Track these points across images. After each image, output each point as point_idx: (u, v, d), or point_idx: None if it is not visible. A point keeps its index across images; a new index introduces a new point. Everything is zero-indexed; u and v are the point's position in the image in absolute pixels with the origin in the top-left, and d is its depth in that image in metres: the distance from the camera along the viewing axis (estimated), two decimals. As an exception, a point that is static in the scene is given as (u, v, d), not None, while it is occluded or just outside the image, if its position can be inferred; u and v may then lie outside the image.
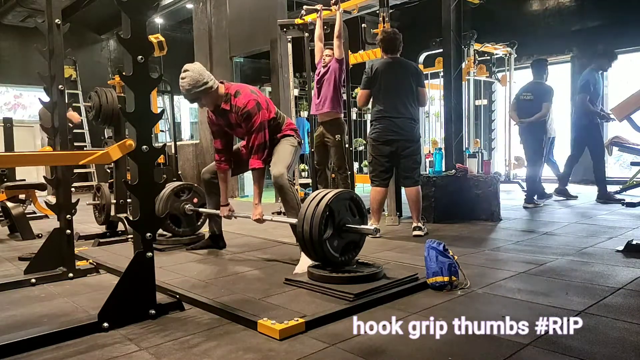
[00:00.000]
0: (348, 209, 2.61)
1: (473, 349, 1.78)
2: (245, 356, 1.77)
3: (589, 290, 2.44)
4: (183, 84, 3.05)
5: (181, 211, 3.88)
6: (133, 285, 2.15)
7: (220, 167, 3.43)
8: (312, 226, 2.48)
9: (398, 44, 4.13)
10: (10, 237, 4.77)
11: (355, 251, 2.67)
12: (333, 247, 2.54)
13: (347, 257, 2.62)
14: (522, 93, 5.80)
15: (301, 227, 2.55)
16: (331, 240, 2.53)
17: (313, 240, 2.49)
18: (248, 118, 3.12)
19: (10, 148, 5.70)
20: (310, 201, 2.57)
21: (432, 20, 6.83)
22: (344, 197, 2.59)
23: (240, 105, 3.12)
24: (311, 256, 2.63)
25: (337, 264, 2.57)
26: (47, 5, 2.86)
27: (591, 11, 8.67)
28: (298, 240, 2.93)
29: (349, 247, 2.64)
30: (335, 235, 2.55)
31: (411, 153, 4.11)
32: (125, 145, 2.15)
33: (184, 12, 10.46)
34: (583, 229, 4.19)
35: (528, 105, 5.63)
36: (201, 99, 3.13)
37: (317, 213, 2.48)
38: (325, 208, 2.47)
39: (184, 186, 3.98)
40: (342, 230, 2.57)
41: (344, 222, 2.57)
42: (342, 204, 2.57)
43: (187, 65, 3.10)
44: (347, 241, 2.62)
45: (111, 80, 7.88)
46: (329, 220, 2.52)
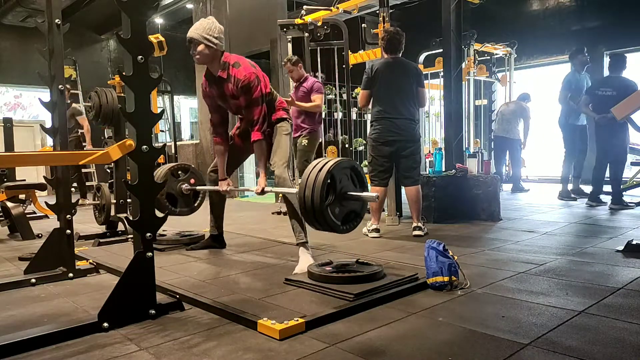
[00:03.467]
0: (349, 178, 2.56)
1: (473, 349, 1.78)
2: (245, 356, 1.77)
3: (589, 290, 2.44)
4: (196, 23, 3.10)
5: (178, 191, 3.81)
6: (133, 285, 2.15)
7: (216, 141, 3.43)
8: (313, 192, 2.43)
9: (399, 44, 4.13)
10: (10, 237, 4.77)
11: (356, 220, 2.63)
12: (335, 215, 2.49)
13: (348, 226, 2.59)
14: (599, 88, 5.51)
15: (302, 194, 2.48)
16: (333, 207, 2.49)
17: (315, 206, 2.43)
18: (248, 91, 3.10)
19: (10, 148, 5.70)
20: (312, 169, 2.51)
21: (432, 20, 6.83)
22: (346, 165, 2.55)
23: (240, 77, 3.09)
24: (312, 224, 2.56)
25: (339, 231, 2.54)
26: (47, 5, 2.86)
27: (591, 11, 8.68)
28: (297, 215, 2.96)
29: (350, 215, 2.60)
30: (337, 202, 2.50)
31: (411, 153, 4.12)
32: (125, 145, 2.15)
33: (184, 12, 10.47)
34: (583, 229, 4.19)
35: (608, 101, 5.20)
36: (197, 47, 3.08)
37: (318, 180, 2.43)
38: (327, 175, 2.42)
39: (181, 166, 3.91)
40: (343, 198, 2.52)
41: (345, 190, 2.53)
42: (343, 173, 2.52)
43: (212, 17, 3.17)
44: (348, 209, 2.57)
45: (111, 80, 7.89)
46: (331, 187, 2.47)
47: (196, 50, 3.10)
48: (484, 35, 7.87)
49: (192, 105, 13.09)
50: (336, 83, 6.83)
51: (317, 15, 6.01)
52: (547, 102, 6.99)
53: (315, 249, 3.44)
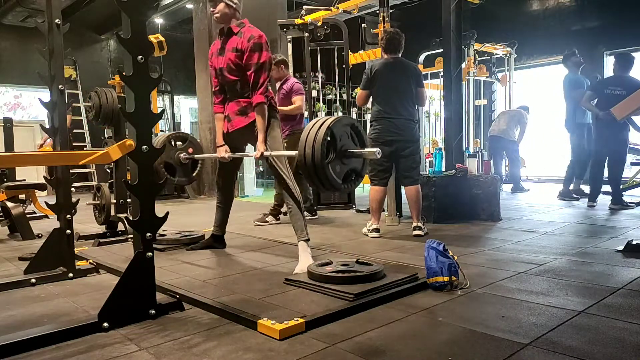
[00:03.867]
0: (349, 136, 2.55)
1: (473, 349, 1.78)
2: (245, 356, 1.77)
3: (589, 290, 2.44)
4: None
5: (176, 160, 3.77)
6: (133, 285, 2.15)
7: (217, 109, 3.44)
8: (314, 149, 2.40)
9: (398, 45, 4.14)
10: (10, 237, 4.77)
11: (357, 180, 2.62)
12: (336, 173, 2.48)
13: (349, 184, 2.58)
14: (607, 87, 5.43)
15: (303, 152, 2.46)
16: (333, 165, 2.47)
17: (315, 164, 2.41)
18: (259, 49, 3.10)
19: (10, 148, 5.70)
20: (312, 127, 2.49)
21: (432, 20, 6.83)
22: (345, 122, 2.53)
23: (254, 34, 3.11)
24: (314, 183, 2.54)
25: (340, 189, 2.52)
26: (47, 5, 2.86)
27: (591, 11, 8.68)
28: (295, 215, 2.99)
29: (350, 175, 2.59)
30: (337, 160, 2.49)
31: (411, 153, 4.12)
32: (125, 145, 2.15)
33: (184, 12, 10.46)
34: (583, 229, 4.19)
35: (617, 100, 4.99)
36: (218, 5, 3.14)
37: (318, 136, 2.41)
38: (327, 131, 2.40)
39: (179, 135, 3.87)
40: (344, 155, 2.51)
41: (345, 147, 2.51)
42: (343, 130, 2.50)
43: None
44: (349, 168, 2.56)
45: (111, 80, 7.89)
46: (331, 145, 2.45)
47: (216, 8, 3.13)
48: (484, 35, 7.88)
49: (192, 105, 13.08)
50: (336, 83, 6.84)
51: (317, 15, 6.01)
52: (547, 102, 6.99)
53: (315, 249, 3.44)
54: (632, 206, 5.36)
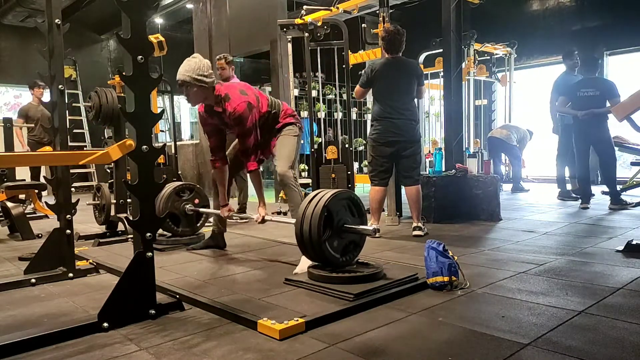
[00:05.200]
0: (347, 209, 2.61)
1: (473, 349, 1.78)
2: (245, 356, 1.77)
3: (589, 290, 2.44)
4: (184, 65, 2.99)
5: (181, 211, 3.89)
6: (133, 285, 2.15)
7: (216, 166, 3.40)
8: (310, 227, 2.48)
9: (400, 44, 4.13)
10: (10, 237, 4.77)
11: (356, 251, 2.67)
12: (333, 248, 2.54)
13: (348, 257, 2.62)
14: (579, 89, 5.46)
15: (299, 229, 2.54)
16: (331, 241, 2.53)
17: (312, 241, 2.48)
18: (240, 122, 3.07)
19: (10, 148, 5.70)
20: (308, 202, 2.57)
21: (432, 20, 6.83)
22: (342, 197, 2.59)
23: (230, 110, 3.06)
24: (311, 257, 2.62)
25: (338, 264, 2.57)
26: (47, 5, 2.86)
27: (591, 11, 8.67)
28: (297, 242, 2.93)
29: (349, 247, 2.64)
30: (335, 235, 2.55)
31: (411, 153, 4.12)
32: (125, 145, 2.15)
33: (184, 12, 10.46)
34: (583, 229, 4.19)
35: (590, 102, 5.28)
36: (191, 90, 3.01)
37: (315, 214, 2.48)
38: (322, 209, 2.47)
39: (186, 186, 3.98)
40: (341, 230, 2.57)
41: (342, 222, 2.57)
42: (340, 204, 2.57)
43: (197, 55, 3.09)
44: (347, 241, 2.62)
45: (111, 80, 7.89)
46: (328, 221, 2.52)
47: (191, 92, 3.03)
48: (484, 35, 7.87)
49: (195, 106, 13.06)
50: (336, 83, 6.83)
51: (317, 15, 6.00)
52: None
53: (315, 249, 3.44)
54: (632, 205, 5.35)
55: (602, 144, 5.43)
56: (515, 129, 7.47)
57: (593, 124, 5.31)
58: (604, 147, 5.43)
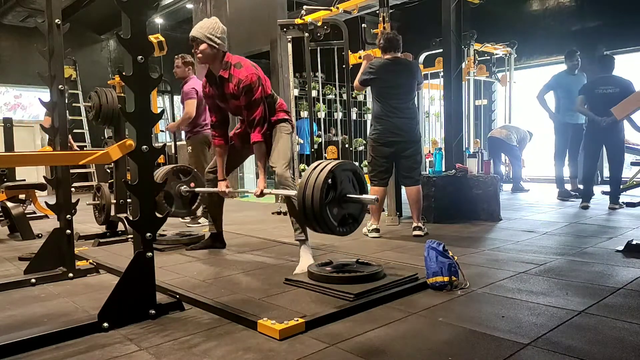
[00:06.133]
0: (350, 181, 2.56)
1: (473, 349, 1.78)
2: (245, 356, 1.77)
3: (589, 290, 2.44)
4: (199, 22, 3.12)
5: (176, 192, 3.78)
6: (133, 285, 2.15)
7: (215, 142, 3.43)
8: (314, 190, 2.42)
9: (397, 43, 4.13)
10: (10, 237, 4.77)
11: (354, 225, 2.62)
12: (332, 215, 2.49)
13: (345, 229, 2.58)
14: (597, 87, 5.40)
15: (302, 193, 2.47)
16: (331, 206, 2.48)
17: (314, 203, 2.42)
18: (249, 91, 3.10)
19: (10, 148, 5.70)
20: (314, 168, 2.51)
21: (432, 20, 6.84)
22: (347, 167, 2.55)
23: (242, 78, 3.09)
24: (309, 222, 2.55)
25: (335, 232, 2.52)
26: (47, 5, 2.86)
27: (591, 11, 8.67)
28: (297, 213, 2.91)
29: (347, 219, 2.59)
30: (336, 203, 2.50)
31: (412, 153, 4.12)
32: (125, 145, 2.15)
33: (184, 12, 10.46)
34: (583, 229, 4.19)
35: (609, 99, 5.08)
36: (200, 46, 3.10)
37: (320, 178, 2.42)
38: (328, 174, 2.42)
39: (183, 168, 3.88)
40: (342, 200, 2.52)
41: (345, 191, 2.53)
42: (345, 175, 2.52)
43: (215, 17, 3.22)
44: (346, 212, 2.57)
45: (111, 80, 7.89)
46: (331, 187, 2.47)
47: (199, 49, 3.11)
48: (484, 35, 7.87)
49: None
50: (336, 83, 6.84)
51: (317, 15, 6.01)
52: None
53: (315, 249, 3.44)
54: (623, 206, 5.38)
55: (616, 146, 5.39)
56: (515, 129, 7.48)
57: (611, 125, 5.18)
58: (617, 148, 5.39)
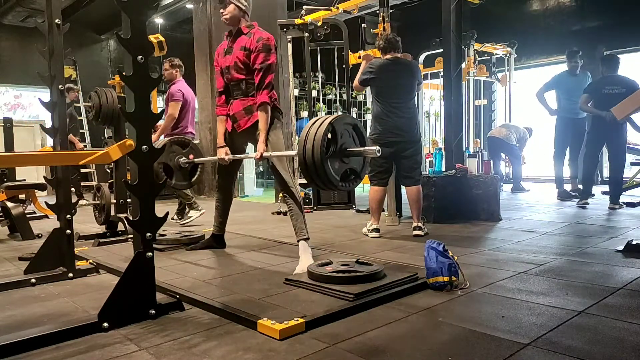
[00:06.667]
0: (350, 135, 2.54)
1: (473, 349, 1.78)
2: (245, 356, 1.77)
3: (589, 290, 2.44)
4: None
5: (175, 164, 3.75)
6: (133, 285, 2.15)
7: (218, 112, 3.44)
8: (314, 144, 2.39)
9: (397, 43, 4.14)
10: (10, 237, 4.77)
11: (355, 182, 2.60)
12: (334, 169, 2.46)
13: (347, 184, 2.56)
14: (604, 87, 5.40)
15: (303, 147, 2.44)
16: (332, 161, 2.46)
17: (315, 158, 2.39)
18: (267, 50, 3.13)
19: (10, 148, 5.70)
20: (313, 123, 2.48)
21: (432, 20, 6.83)
22: (347, 121, 2.53)
23: (263, 36, 3.16)
24: (311, 178, 2.51)
25: (337, 187, 2.50)
26: (47, 5, 2.86)
27: (591, 11, 8.68)
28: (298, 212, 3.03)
29: (349, 175, 2.58)
30: (337, 157, 2.48)
31: (412, 154, 4.12)
32: (125, 145, 2.16)
33: (184, 12, 10.46)
34: (583, 229, 4.19)
35: (616, 99, 4.92)
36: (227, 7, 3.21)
37: (319, 131, 2.39)
38: (328, 127, 2.40)
39: (182, 140, 3.85)
40: (344, 154, 2.50)
41: (346, 145, 2.50)
42: (345, 128, 2.50)
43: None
44: (348, 167, 2.55)
45: (111, 80, 7.89)
46: (332, 141, 2.44)
47: (226, 9, 3.19)
48: (484, 35, 7.87)
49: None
50: (336, 83, 6.84)
51: (317, 15, 6.01)
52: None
53: (315, 249, 3.44)
54: (623, 206, 5.39)
55: (618, 146, 5.41)
56: (514, 128, 7.48)
57: (614, 125, 5.20)
58: (619, 148, 5.41)
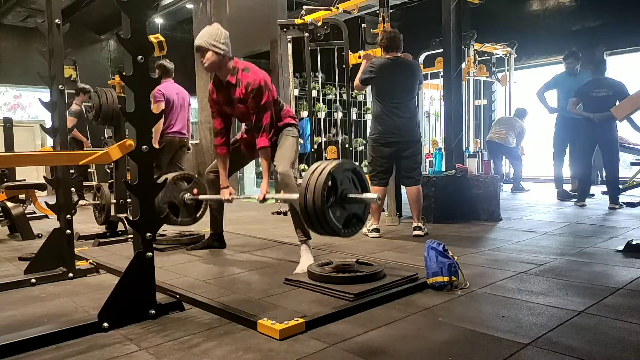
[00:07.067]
0: (350, 181, 2.55)
1: (473, 349, 1.78)
2: (245, 356, 1.77)
3: (589, 290, 2.44)
4: (202, 31, 3.10)
5: (180, 200, 3.80)
6: (133, 285, 2.15)
7: (219, 151, 3.40)
8: (314, 194, 2.40)
9: (400, 42, 4.13)
10: (10, 237, 4.77)
11: (358, 225, 2.61)
12: (336, 217, 2.47)
13: (350, 230, 2.57)
14: (592, 90, 5.49)
15: (304, 198, 2.46)
16: (334, 209, 2.47)
17: (316, 208, 2.40)
18: (258, 95, 3.09)
19: (10, 148, 5.70)
20: (313, 171, 2.49)
21: (432, 20, 6.83)
22: (347, 167, 2.54)
23: (250, 81, 3.09)
24: (314, 227, 2.54)
25: (340, 234, 2.51)
26: (47, 5, 2.86)
27: (591, 11, 8.68)
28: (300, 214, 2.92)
29: (352, 220, 2.58)
30: (338, 205, 2.49)
31: (412, 154, 4.12)
32: (125, 145, 2.16)
33: (184, 12, 10.46)
34: (583, 229, 4.19)
35: (604, 102, 5.28)
36: (205, 55, 3.09)
37: (319, 181, 2.41)
38: (327, 176, 2.40)
39: (184, 176, 3.89)
40: (344, 200, 2.51)
41: (346, 192, 2.51)
42: (344, 175, 2.51)
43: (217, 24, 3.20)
44: (349, 213, 2.56)
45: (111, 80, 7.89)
46: (332, 189, 2.45)
47: (204, 57, 3.09)
48: (484, 35, 7.87)
49: (192, 105, 13.07)
50: (336, 83, 6.83)
51: (317, 15, 6.01)
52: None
53: (315, 249, 3.44)
54: (623, 206, 5.41)
55: (610, 145, 5.44)
56: (510, 126, 7.45)
57: (604, 125, 5.31)
58: (611, 148, 5.44)
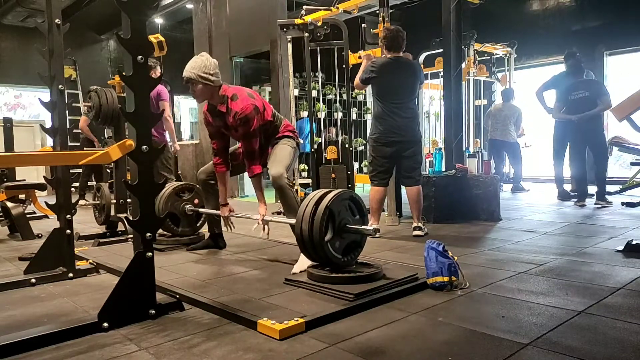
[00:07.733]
0: (348, 209, 2.61)
1: (473, 349, 1.78)
2: (245, 356, 1.77)
3: (589, 290, 2.44)
4: (191, 62, 3.10)
5: (181, 211, 3.89)
6: (133, 285, 2.15)
7: (218, 170, 3.41)
8: (312, 228, 2.47)
9: (402, 42, 4.11)
10: (10, 237, 4.77)
11: (357, 250, 2.67)
12: (335, 249, 2.53)
13: (350, 257, 2.62)
14: (570, 93, 5.68)
15: (299, 229, 2.54)
16: (332, 241, 2.53)
17: (314, 242, 2.48)
18: (246, 123, 3.11)
19: (10, 148, 5.70)
20: (309, 202, 2.56)
21: (432, 20, 6.83)
22: (344, 197, 2.59)
23: (237, 110, 3.09)
24: (312, 258, 2.62)
25: (340, 264, 2.57)
26: (47, 5, 2.86)
27: (591, 11, 8.67)
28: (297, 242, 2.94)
29: (350, 246, 2.64)
30: (337, 236, 2.55)
31: (412, 153, 4.11)
32: (125, 145, 2.15)
33: (184, 12, 10.46)
34: (583, 229, 4.19)
35: (583, 103, 5.52)
36: (196, 86, 3.10)
37: (317, 215, 2.47)
38: (325, 210, 2.47)
39: (185, 186, 3.98)
40: (343, 231, 2.57)
41: (344, 222, 2.57)
42: (342, 205, 2.57)
43: (205, 54, 3.18)
44: (348, 241, 2.62)
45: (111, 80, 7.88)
46: (330, 221, 2.51)
47: (195, 89, 3.12)
48: (484, 35, 7.86)
49: (192, 105, 13.08)
50: (336, 83, 6.83)
51: (317, 15, 6.00)
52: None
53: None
54: (611, 203, 5.50)
55: (597, 146, 5.65)
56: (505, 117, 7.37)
57: (589, 126, 5.54)
58: (599, 148, 5.65)
